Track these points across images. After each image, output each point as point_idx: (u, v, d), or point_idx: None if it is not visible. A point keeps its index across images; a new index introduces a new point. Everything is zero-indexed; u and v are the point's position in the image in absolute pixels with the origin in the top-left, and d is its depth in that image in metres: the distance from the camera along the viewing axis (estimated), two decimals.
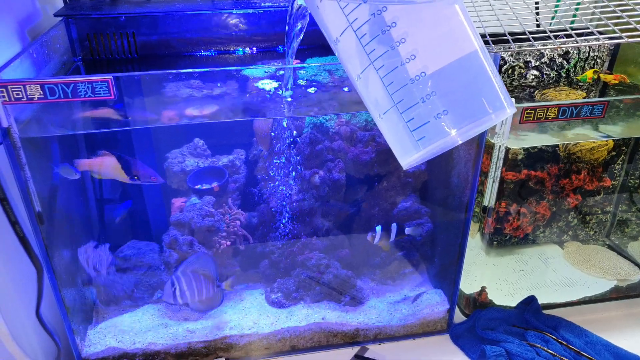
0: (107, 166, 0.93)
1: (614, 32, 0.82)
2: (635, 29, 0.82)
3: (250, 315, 1.02)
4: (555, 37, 0.91)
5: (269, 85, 0.85)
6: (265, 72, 0.85)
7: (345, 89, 0.89)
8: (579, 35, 0.85)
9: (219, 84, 0.80)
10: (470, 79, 0.53)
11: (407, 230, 1.05)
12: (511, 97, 0.56)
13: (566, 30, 0.94)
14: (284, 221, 1.08)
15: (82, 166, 0.94)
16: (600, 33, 0.82)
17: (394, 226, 1.03)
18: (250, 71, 0.85)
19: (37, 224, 0.80)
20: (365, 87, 0.57)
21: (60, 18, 1.01)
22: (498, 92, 0.54)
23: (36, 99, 0.70)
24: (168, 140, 1.10)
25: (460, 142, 0.54)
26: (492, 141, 0.94)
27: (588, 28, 0.86)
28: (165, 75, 0.76)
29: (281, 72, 0.85)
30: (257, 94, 0.85)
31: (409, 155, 0.56)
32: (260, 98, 0.85)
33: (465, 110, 0.53)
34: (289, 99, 0.86)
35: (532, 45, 0.83)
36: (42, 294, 0.80)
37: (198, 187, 1.06)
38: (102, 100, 0.74)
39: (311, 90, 0.89)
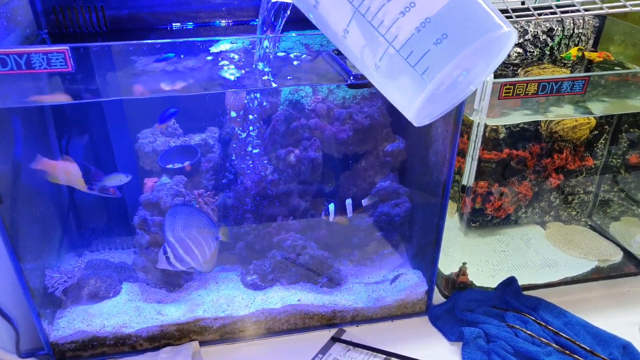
0: (67, 173, 0.90)
1: (597, 5, 0.79)
2: (618, 1, 0.80)
3: (224, 298, 1.00)
4: (540, 14, 0.88)
5: (242, 57, 0.82)
6: (236, 43, 0.82)
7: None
8: (563, 12, 0.83)
9: (182, 56, 0.76)
10: (464, 2, 0.51)
11: (364, 202, 1.03)
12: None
13: (551, 7, 0.91)
14: (259, 201, 1.05)
15: (42, 165, 0.89)
16: (586, 10, 0.80)
17: (348, 202, 1.01)
18: (223, 43, 0.81)
19: None
20: (354, 39, 0.54)
21: None
22: (493, 15, 0.52)
23: None
24: (138, 120, 1.06)
25: (465, 75, 0.51)
26: (471, 119, 0.91)
27: (574, 5, 0.83)
28: (127, 47, 0.72)
29: (252, 45, 0.81)
30: (229, 67, 0.81)
31: (416, 97, 0.52)
32: (232, 71, 0.82)
33: (465, 31, 0.50)
34: (266, 69, 0.82)
35: (513, 20, 0.80)
36: None
37: (170, 166, 1.03)
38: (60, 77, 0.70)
39: (294, 62, 0.86)
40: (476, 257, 1.18)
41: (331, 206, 1.01)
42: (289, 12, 0.78)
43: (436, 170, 0.95)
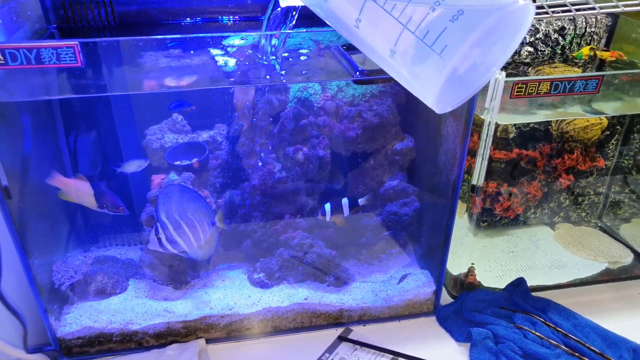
0: (79, 191, 0.90)
1: (613, 3, 0.78)
2: None
3: (231, 295, 0.99)
4: (554, 12, 0.87)
5: (250, 53, 0.81)
6: (245, 39, 0.81)
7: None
8: (577, 9, 0.81)
9: (192, 51, 0.76)
10: None
11: (361, 202, 1.02)
12: None
13: (565, 5, 0.90)
14: (266, 198, 1.04)
15: (56, 182, 0.90)
16: (601, 8, 0.78)
17: (344, 201, 1.00)
18: (232, 39, 0.80)
19: (4, 198, 0.76)
20: (367, 28, 0.53)
21: None
22: None
23: None
24: (146, 117, 1.06)
25: (481, 53, 0.49)
26: (482, 117, 0.90)
27: (589, 3, 0.82)
28: (136, 42, 0.72)
29: (263, 40, 0.81)
30: (239, 63, 0.81)
31: (436, 79, 0.51)
32: (242, 67, 0.81)
33: (481, 6, 0.49)
34: (277, 65, 0.81)
35: None
36: (0, 269, 0.76)
37: (177, 163, 1.02)
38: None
39: (303, 57, 0.85)
40: (484, 257, 1.17)
41: (327, 206, 1.00)
42: (297, 15, 0.77)
43: (446, 170, 0.94)
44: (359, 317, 1.01)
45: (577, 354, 0.91)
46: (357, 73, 0.78)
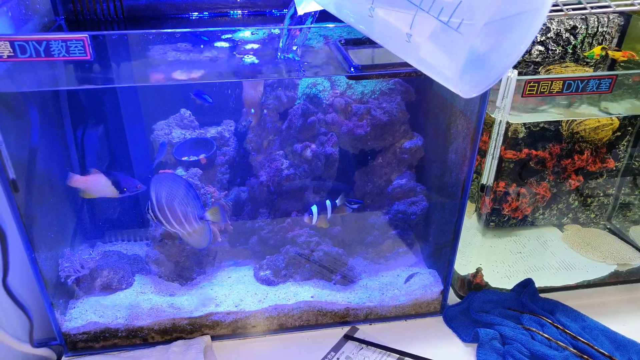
0: (98, 185, 0.90)
1: (629, 1, 0.77)
2: None
3: (237, 292, 0.99)
4: (568, 10, 0.86)
5: (259, 48, 0.80)
6: (256, 34, 0.80)
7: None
8: (592, 7, 0.80)
9: (202, 46, 0.75)
10: None
11: (337, 202, 1.01)
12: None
13: (581, 3, 0.88)
14: (274, 195, 1.04)
15: (75, 183, 0.90)
16: (617, 6, 0.77)
17: (328, 203, 1.00)
18: (241, 34, 0.79)
19: (11, 191, 0.76)
20: (381, 15, 0.51)
21: None
22: None
23: (5, 57, 0.65)
24: (154, 112, 1.05)
25: (500, 31, 0.47)
26: (493, 116, 0.89)
27: (604, 1, 0.80)
28: (147, 35, 0.71)
29: (277, 30, 0.79)
30: (248, 57, 0.80)
31: (458, 57, 0.48)
32: (252, 60, 0.80)
33: None
34: (297, 57, 0.80)
35: None
36: (7, 263, 0.76)
37: (185, 158, 1.02)
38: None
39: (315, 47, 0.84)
40: (492, 257, 1.16)
41: (314, 208, 0.99)
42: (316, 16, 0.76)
43: (455, 169, 0.93)
44: (365, 316, 1.00)
45: (585, 356, 0.90)
46: (352, 69, 0.77)
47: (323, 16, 0.74)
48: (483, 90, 0.52)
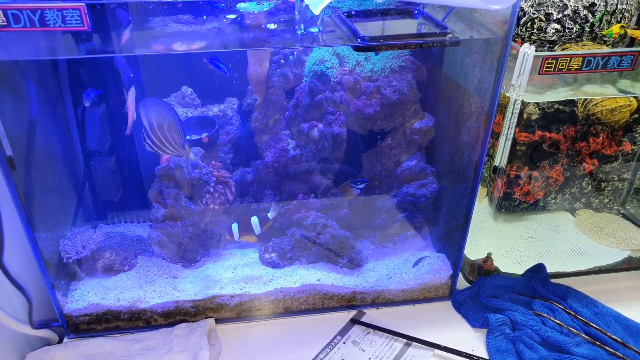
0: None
1: None
2: None
3: (242, 275, 0.97)
4: None
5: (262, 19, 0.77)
6: (262, 4, 0.77)
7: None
8: None
9: (204, 16, 0.72)
10: None
11: (270, 215, 0.99)
12: None
13: None
14: (279, 176, 1.01)
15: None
16: None
17: (254, 220, 0.98)
18: (244, 6, 0.76)
19: (8, 169, 0.73)
20: None
21: None
22: None
23: None
24: (155, 90, 1.02)
25: None
26: (508, 95, 0.86)
27: None
28: (146, 5, 0.68)
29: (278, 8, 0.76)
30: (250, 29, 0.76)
31: None
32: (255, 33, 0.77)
33: None
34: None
35: None
36: (3, 242, 0.73)
37: (187, 138, 0.99)
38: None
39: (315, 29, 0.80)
40: (502, 242, 1.13)
41: (234, 226, 0.97)
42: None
43: (468, 149, 0.90)
44: (372, 300, 0.98)
45: (597, 343, 0.88)
46: (359, 39, 0.73)
47: None
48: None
